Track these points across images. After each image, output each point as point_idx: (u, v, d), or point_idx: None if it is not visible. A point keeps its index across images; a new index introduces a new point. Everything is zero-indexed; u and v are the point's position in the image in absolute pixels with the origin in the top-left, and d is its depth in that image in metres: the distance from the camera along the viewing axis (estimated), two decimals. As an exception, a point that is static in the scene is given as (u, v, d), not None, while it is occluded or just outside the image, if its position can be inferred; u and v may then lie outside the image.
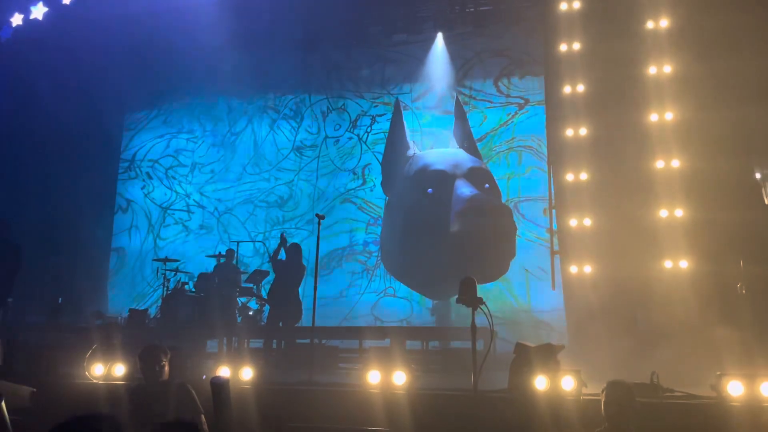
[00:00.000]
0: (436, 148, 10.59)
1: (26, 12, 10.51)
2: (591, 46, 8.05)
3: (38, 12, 10.50)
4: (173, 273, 9.65)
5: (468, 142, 10.04)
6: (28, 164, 9.83)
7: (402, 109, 10.69)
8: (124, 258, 11.36)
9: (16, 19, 10.53)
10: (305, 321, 9.38)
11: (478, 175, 9.69)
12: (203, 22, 10.76)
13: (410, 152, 10.46)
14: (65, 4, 10.46)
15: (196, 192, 11.72)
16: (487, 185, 9.62)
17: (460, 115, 10.11)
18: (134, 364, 5.38)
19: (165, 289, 9.57)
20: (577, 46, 8.10)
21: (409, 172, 10.23)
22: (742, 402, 4.32)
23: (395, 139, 10.64)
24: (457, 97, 10.33)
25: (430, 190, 9.78)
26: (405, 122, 10.60)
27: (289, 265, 8.27)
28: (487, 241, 9.16)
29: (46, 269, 9.88)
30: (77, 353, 7.63)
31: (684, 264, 7.06)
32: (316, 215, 6.96)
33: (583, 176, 7.73)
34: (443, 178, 9.69)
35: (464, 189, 9.44)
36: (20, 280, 7.86)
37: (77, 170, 10.38)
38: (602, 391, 3.70)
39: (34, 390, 4.66)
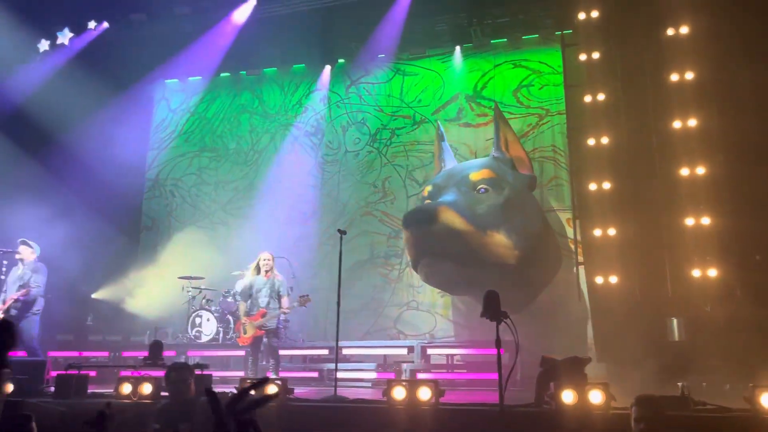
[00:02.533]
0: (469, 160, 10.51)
1: (53, 38, 10.79)
2: (611, 54, 8.02)
3: (64, 38, 10.78)
4: (198, 290, 9.76)
5: (506, 147, 9.92)
6: (56, 186, 10.02)
7: (442, 131, 10.63)
8: (150, 276, 11.48)
9: (43, 45, 10.82)
10: (329, 335, 9.41)
11: (470, 182, 9.59)
12: (221, 44, 10.97)
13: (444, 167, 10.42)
14: (90, 29, 10.73)
15: (220, 209, 11.84)
16: (482, 189, 9.43)
17: (498, 122, 10.01)
18: (161, 383, 5.44)
19: (190, 306, 9.68)
20: (596, 55, 8.06)
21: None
22: (776, 414, 4.21)
23: (435, 161, 10.67)
24: (496, 104, 10.27)
25: (422, 213, 9.74)
26: (445, 144, 10.53)
27: None
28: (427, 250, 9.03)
29: (75, 289, 10.03)
30: (106, 373, 7.77)
31: (713, 273, 6.94)
32: (338, 230, 7.00)
33: (606, 186, 7.66)
34: (436, 191, 9.73)
35: (442, 198, 9.43)
36: (49, 299, 8.01)
37: (104, 191, 10.56)
38: (631, 406, 3.64)
39: (64, 410, 4.72)
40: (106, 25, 10.84)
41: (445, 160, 10.40)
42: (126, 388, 5.66)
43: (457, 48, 11.09)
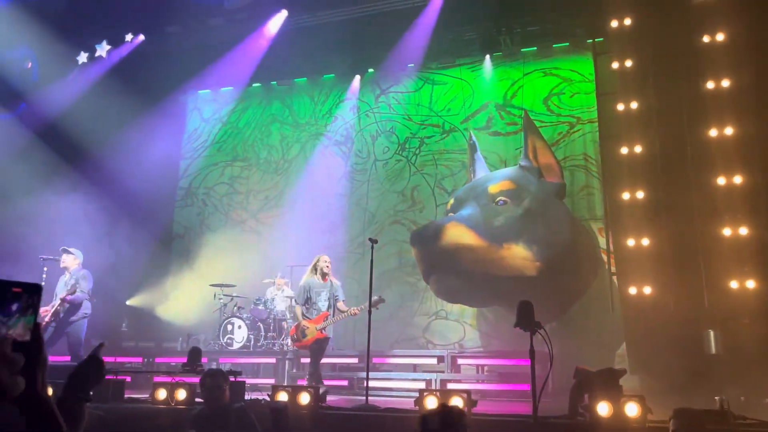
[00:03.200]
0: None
1: (91, 50, 11.08)
2: (644, 62, 7.92)
3: (102, 50, 11.06)
4: (230, 298, 9.87)
5: (535, 155, 9.91)
6: (92, 194, 10.25)
7: (475, 144, 10.67)
8: (182, 283, 11.65)
9: (82, 57, 11.11)
10: (358, 344, 9.42)
11: (489, 194, 9.64)
12: (253, 54, 11.14)
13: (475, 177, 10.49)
14: (127, 42, 11.00)
15: (251, 218, 11.98)
16: (501, 201, 9.46)
17: (527, 130, 10.02)
18: (196, 389, 5.51)
19: (222, 313, 9.79)
20: (629, 63, 7.98)
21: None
22: (820, 430, 4.10)
23: (469, 168, 10.72)
24: (525, 112, 10.27)
25: (429, 230, 9.77)
26: (477, 156, 10.57)
27: None
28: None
29: (110, 295, 10.23)
30: (140, 378, 7.90)
31: (751, 284, 6.79)
32: (369, 239, 7.03)
33: (640, 195, 7.56)
34: (457, 205, 9.92)
35: (461, 212, 9.56)
36: (95, 303, 8.20)
37: (138, 199, 10.78)
38: (669, 419, 3.58)
39: (102, 414, 4.82)
40: (142, 37, 11.10)
41: (476, 171, 10.41)
42: (161, 394, 5.75)
43: (487, 57, 11.08)
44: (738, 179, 7.05)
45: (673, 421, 3.47)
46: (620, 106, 7.93)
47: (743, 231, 6.90)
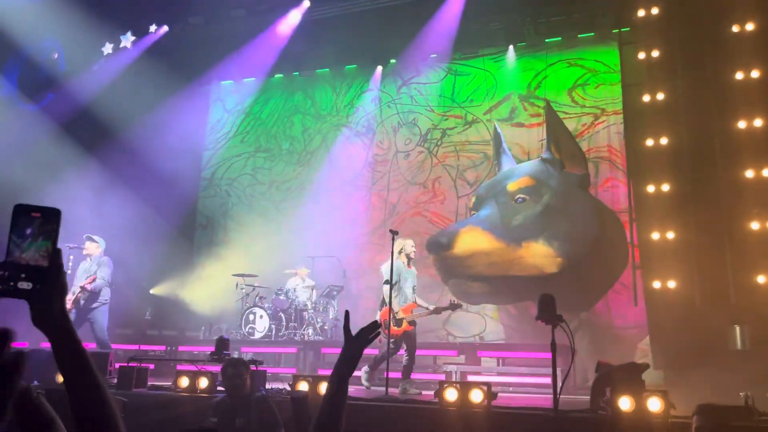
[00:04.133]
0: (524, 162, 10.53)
1: (116, 41, 11.20)
2: (671, 52, 7.78)
3: (127, 41, 11.18)
4: (252, 288, 9.95)
5: (558, 146, 9.89)
6: (116, 184, 10.38)
7: (500, 133, 10.67)
8: (205, 273, 11.77)
9: (107, 48, 11.24)
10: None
11: (508, 193, 9.68)
12: (275, 45, 11.17)
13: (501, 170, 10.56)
14: (151, 33, 11.09)
15: (274, 208, 12.04)
16: (520, 199, 9.52)
17: (549, 121, 10.00)
18: (217, 377, 5.58)
19: (243, 303, 9.88)
20: (656, 53, 7.84)
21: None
22: None
23: (495, 160, 10.73)
24: (547, 101, 10.20)
25: (443, 238, 10.09)
26: (503, 145, 10.57)
27: None
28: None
29: (134, 284, 10.37)
30: (162, 366, 8.02)
31: (778, 279, 6.66)
32: (390, 231, 7.02)
33: (665, 188, 7.44)
34: (478, 203, 10.14)
35: (481, 212, 9.77)
36: (114, 290, 8.31)
37: (162, 190, 10.89)
38: (692, 415, 3.53)
39: (125, 400, 4.90)
40: (165, 28, 11.18)
41: (501, 164, 10.39)
42: (184, 382, 5.82)
43: (510, 47, 10.97)
44: (767, 172, 6.91)
45: (697, 417, 3.42)
46: (646, 98, 7.81)
47: (772, 225, 6.76)
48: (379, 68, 11.88)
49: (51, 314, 1.06)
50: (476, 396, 4.93)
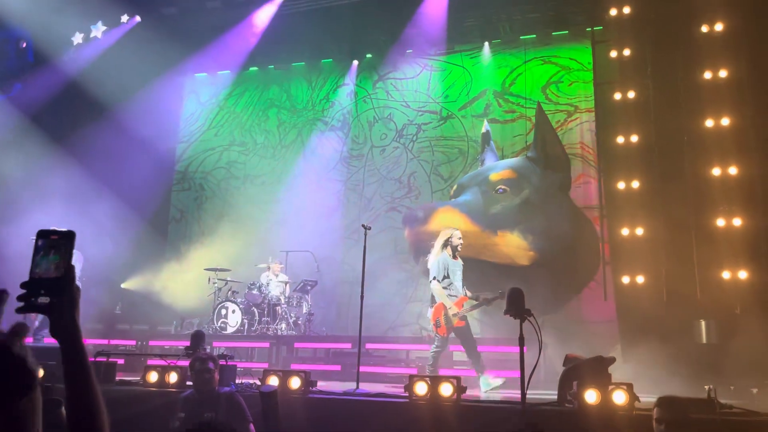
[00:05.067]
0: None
1: (86, 31, 11.00)
2: (642, 51, 7.89)
3: (98, 31, 10.98)
4: (224, 282, 9.87)
5: (543, 147, 10.02)
6: (86, 176, 10.21)
7: (489, 135, 10.74)
8: (178, 267, 11.65)
9: (77, 38, 11.03)
10: (351, 330, 9.46)
11: (490, 182, 9.89)
12: (250, 38, 11.07)
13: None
14: (123, 23, 10.91)
15: (248, 203, 11.95)
16: (501, 189, 9.70)
17: (539, 121, 10.14)
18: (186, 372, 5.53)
19: (216, 297, 9.81)
20: (627, 52, 7.94)
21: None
22: (806, 420, 4.12)
23: (480, 156, 10.79)
24: (538, 103, 10.30)
25: (419, 212, 10.16)
26: (486, 143, 10.65)
27: None
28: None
29: (104, 278, 10.23)
30: (133, 361, 7.92)
31: (743, 275, 6.81)
32: (362, 226, 7.01)
33: (635, 184, 7.56)
34: (459, 191, 10.22)
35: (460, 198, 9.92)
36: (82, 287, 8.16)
37: (134, 182, 10.75)
38: (653, 408, 3.59)
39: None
40: (138, 18, 11.01)
41: (485, 160, 10.48)
42: (153, 377, 5.77)
43: (486, 44, 11.03)
44: (733, 170, 7.05)
45: (657, 410, 3.48)
46: (617, 96, 7.92)
47: (737, 222, 6.91)
48: (355, 63, 11.86)
49: (61, 325, 1.17)
50: (446, 390, 4.96)
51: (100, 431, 1.18)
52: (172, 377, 5.72)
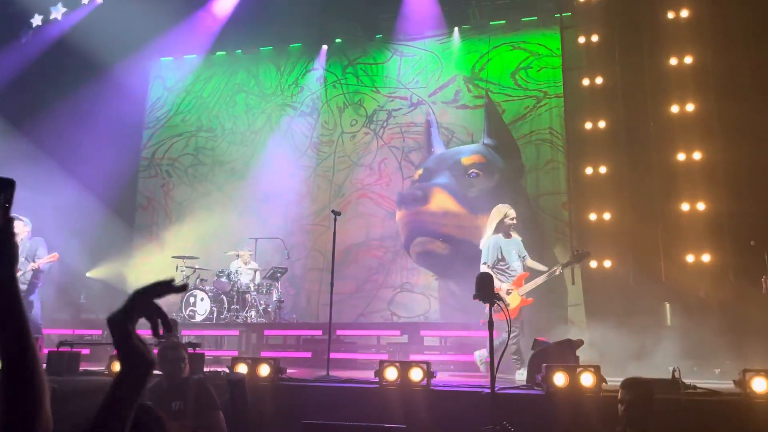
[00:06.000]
0: (459, 145, 10.63)
1: (46, 13, 10.64)
2: (610, 37, 7.96)
3: (58, 13, 10.63)
4: (192, 270, 9.74)
5: (496, 133, 10.11)
6: (46, 161, 9.93)
7: (433, 118, 10.75)
8: (145, 255, 11.46)
9: (36, 20, 10.67)
10: (323, 317, 9.44)
11: (462, 166, 9.97)
12: (217, 21, 10.85)
13: (433, 152, 10.62)
14: (84, 5, 10.58)
15: (217, 190, 11.78)
16: (474, 173, 9.80)
17: (489, 109, 10.21)
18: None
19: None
20: (595, 38, 8.01)
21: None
22: (766, 399, 4.23)
23: (424, 147, 10.83)
24: (487, 90, 10.35)
25: (419, 192, 10.23)
26: (435, 130, 10.66)
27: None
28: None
29: (67, 267, 9.99)
30: (99, 351, 7.76)
31: (706, 258, 6.96)
32: (332, 211, 6.96)
33: (603, 170, 7.65)
34: (427, 175, 10.24)
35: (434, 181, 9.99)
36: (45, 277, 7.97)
37: (98, 168, 10.49)
38: (619, 388, 3.64)
39: (55, 387, 4.71)
40: (99, 0, 10.68)
41: (434, 145, 10.56)
42: (118, 366, 5.64)
43: (456, 29, 10.99)
44: (698, 155, 7.18)
45: (621, 390, 3.53)
46: (585, 81, 7.99)
47: (701, 206, 7.05)
48: (325, 47, 11.72)
49: None
50: (416, 375, 4.97)
51: (41, 397, 1.09)
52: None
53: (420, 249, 9.53)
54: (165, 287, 1.13)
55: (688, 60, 7.43)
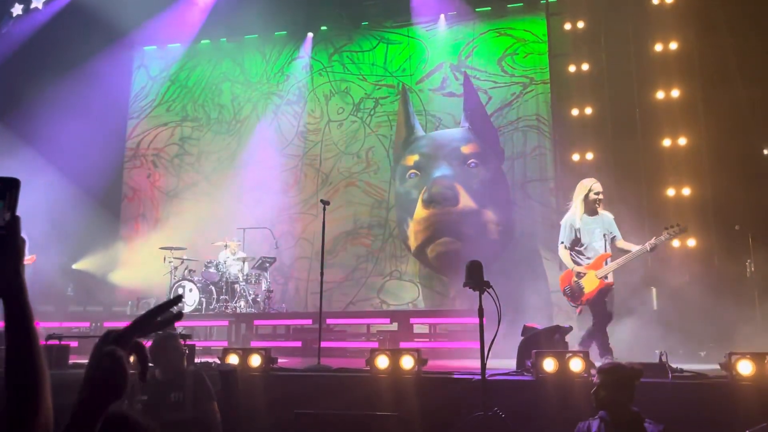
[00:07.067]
0: (442, 130, 10.62)
1: (26, 2, 10.46)
2: (596, 23, 7.98)
3: (38, 2, 10.45)
4: (180, 261, 9.70)
5: (477, 119, 10.11)
6: (29, 153, 9.81)
7: (407, 92, 10.74)
8: (131, 246, 11.38)
9: (17, 9, 10.49)
10: (312, 306, 9.46)
11: (461, 155, 9.90)
12: (201, 9, 10.73)
13: (415, 135, 10.60)
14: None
15: (203, 180, 11.70)
16: (473, 163, 9.74)
17: (469, 92, 10.18)
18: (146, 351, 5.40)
19: (172, 276, 9.63)
20: (581, 24, 8.01)
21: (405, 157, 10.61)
22: (752, 381, 4.30)
23: (401, 124, 10.73)
24: (465, 72, 10.32)
25: (411, 174, 10.23)
26: (411, 105, 10.65)
27: None
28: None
29: (54, 259, 9.91)
30: (88, 343, 7.71)
31: (692, 243, 7.03)
32: (321, 201, 6.94)
33: (589, 156, 7.69)
34: (424, 162, 10.16)
35: (437, 171, 9.82)
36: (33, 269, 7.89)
37: (82, 159, 10.37)
38: (595, 374, 3.67)
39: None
40: (81, -12, 10.51)
41: (414, 125, 10.54)
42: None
43: (442, 16, 10.94)
44: (683, 141, 7.23)
45: (597, 375, 3.56)
46: (572, 68, 8.01)
47: (686, 191, 7.11)
48: (310, 35, 11.63)
49: (4, 276, 1.08)
50: (407, 362, 4.99)
51: (43, 388, 1.09)
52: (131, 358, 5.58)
53: (443, 249, 9.51)
54: (162, 309, 1.16)
55: (674, 46, 7.47)
